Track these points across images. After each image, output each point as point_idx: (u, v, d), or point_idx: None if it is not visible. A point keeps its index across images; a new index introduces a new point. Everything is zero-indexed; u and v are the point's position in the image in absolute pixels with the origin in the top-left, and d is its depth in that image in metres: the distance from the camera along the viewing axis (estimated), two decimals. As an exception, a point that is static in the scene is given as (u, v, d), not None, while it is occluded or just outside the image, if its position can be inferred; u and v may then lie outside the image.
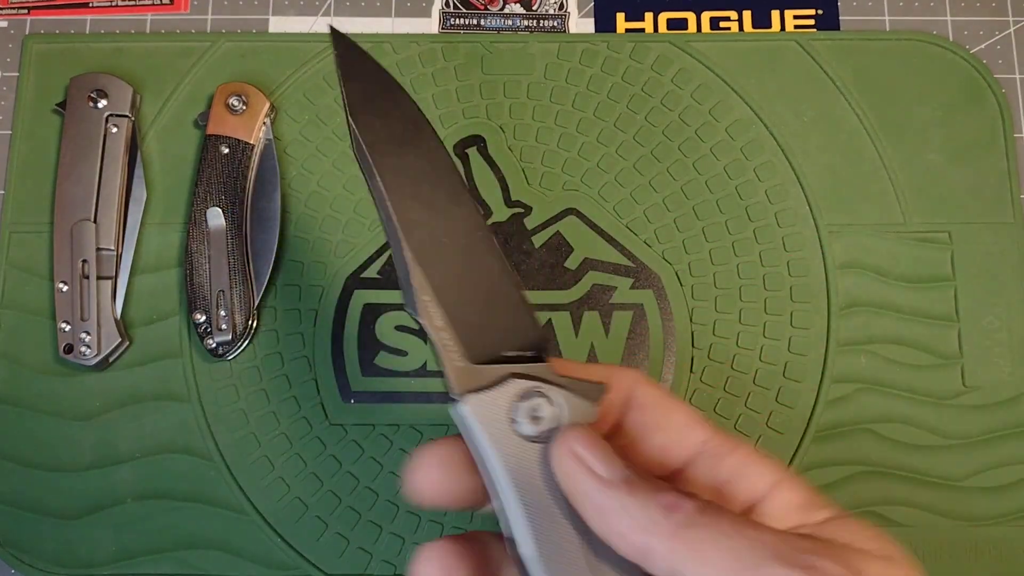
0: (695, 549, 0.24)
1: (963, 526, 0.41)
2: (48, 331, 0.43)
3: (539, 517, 0.26)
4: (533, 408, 0.26)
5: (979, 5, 0.47)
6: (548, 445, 0.26)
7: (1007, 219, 0.44)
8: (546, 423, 0.26)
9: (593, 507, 0.25)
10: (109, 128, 0.44)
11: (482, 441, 0.26)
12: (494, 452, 0.25)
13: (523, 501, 0.25)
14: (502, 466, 0.25)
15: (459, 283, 0.26)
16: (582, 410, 0.26)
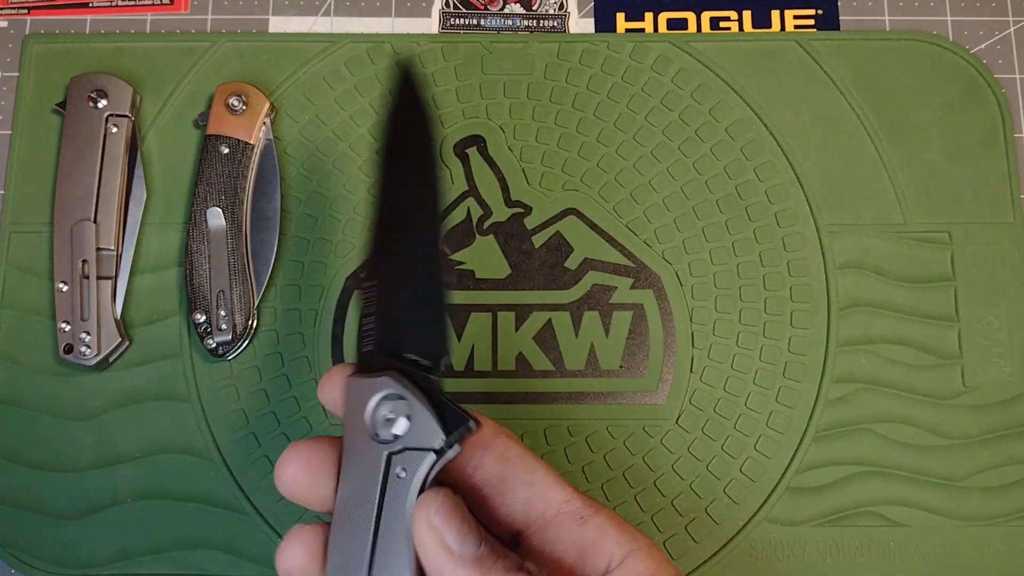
0: None
1: (963, 526, 0.41)
2: (48, 331, 0.43)
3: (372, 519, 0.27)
4: (391, 411, 0.26)
5: (979, 5, 0.47)
6: (413, 506, 0.27)
7: (1007, 219, 0.44)
8: (395, 431, 0.26)
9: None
10: (109, 128, 0.44)
11: (345, 424, 0.27)
12: (349, 441, 0.27)
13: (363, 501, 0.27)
14: (351, 460, 0.27)
15: (397, 281, 0.28)
16: (430, 435, 0.26)
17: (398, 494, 0.26)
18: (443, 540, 0.26)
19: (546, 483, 0.29)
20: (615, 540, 0.29)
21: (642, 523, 0.41)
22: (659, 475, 0.41)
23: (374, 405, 0.27)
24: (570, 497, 0.29)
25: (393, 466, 0.27)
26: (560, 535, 0.29)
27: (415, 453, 0.26)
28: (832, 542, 0.41)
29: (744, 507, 0.41)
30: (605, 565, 0.29)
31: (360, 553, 0.26)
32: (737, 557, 0.41)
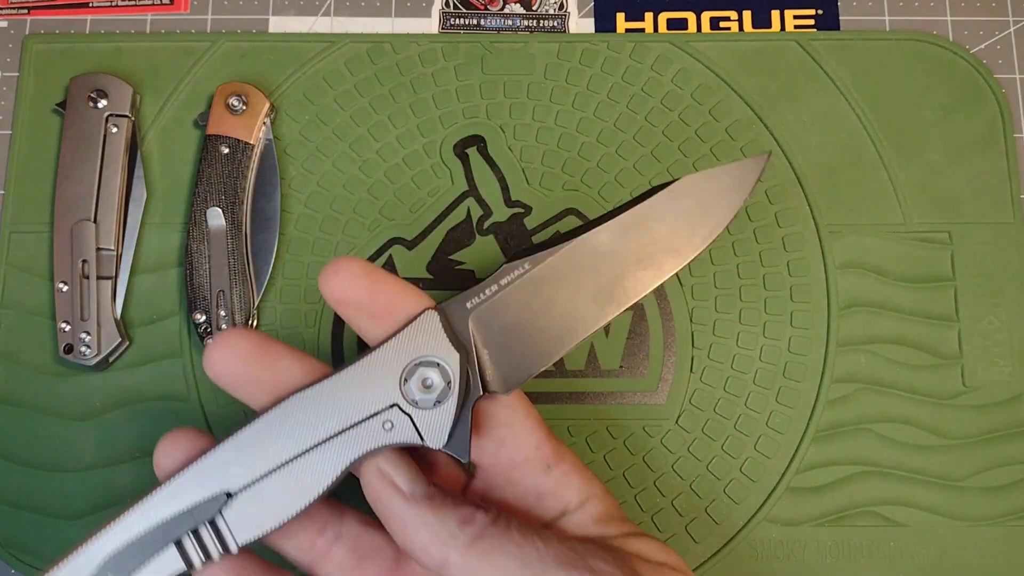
0: (488, 558, 0.26)
1: (963, 526, 0.41)
2: (48, 331, 0.43)
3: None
4: (432, 381, 0.27)
5: (979, 5, 0.47)
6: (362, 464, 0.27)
7: (1007, 219, 0.44)
8: (417, 397, 0.27)
9: (398, 522, 0.26)
10: (109, 128, 0.44)
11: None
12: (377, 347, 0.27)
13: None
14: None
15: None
16: (435, 435, 0.27)
17: (367, 437, 0.26)
18: (393, 483, 0.26)
19: (524, 427, 0.29)
20: (575, 489, 0.29)
21: (642, 523, 0.41)
22: (659, 475, 0.41)
23: (425, 360, 0.27)
24: (542, 443, 0.29)
25: (385, 411, 0.27)
26: (523, 479, 0.29)
27: (410, 427, 0.27)
28: (832, 542, 0.41)
29: (744, 507, 0.41)
30: (561, 510, 0.29)
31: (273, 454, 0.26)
32: (737, 557, 0.41)
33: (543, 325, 0.29)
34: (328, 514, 0.29)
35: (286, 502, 0.26)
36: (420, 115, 0.45)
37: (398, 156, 0.45)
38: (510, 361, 0.28)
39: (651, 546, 0.29)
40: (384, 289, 0.28)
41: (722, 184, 0.31)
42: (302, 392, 0.27)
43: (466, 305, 0.28)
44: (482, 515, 0.26)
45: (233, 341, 0.28)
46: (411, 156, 0.45)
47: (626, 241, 0.30)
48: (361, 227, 0.44)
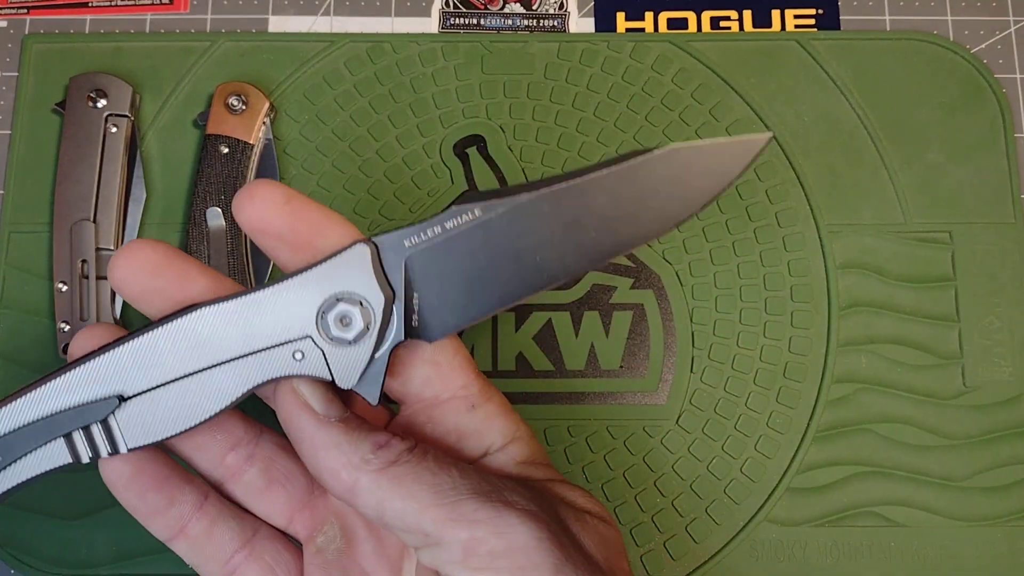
0: (400, 484, 0.24)
1: (964, 527, 0.41)
2: (47, 331, 0.43)
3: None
4: (350, 315, 0.25)
5: (979, 5, 0.47)
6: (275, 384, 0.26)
7: (1008, 219, 0.44)
8: (334, 333, 0.25)
9: (309, 443, 0.25)
10: (108, 128, 0.44)
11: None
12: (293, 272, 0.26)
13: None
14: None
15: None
16: (347, 373, 0.26)
17: (275, 363, 0.25)
18: (306, 403, 0.25)
19: (451, 365, 0.28)
20: (499, 430, 0.28)
21: (642, 523, 0.41)
22: (659, 475, 0.41)
23: (348, 295, 0.25)
24: (469, 383, 0.28)
25: (298, 340, 0.25)
26: (446, 417, 0.28)
27: (321, 361, 0.25)
28: (832, 542, 0.41)
29: (744, 507, 0.41)
30: (483, 451, 0.28)
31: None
32: (737, 557, 0.41)
33: (484, 278, 0.26)
34: (243, 432, 0.29)
35: (180, 415, 0.25)
36: (420, 115, 0.45)
37: (398, 156, 0.45)
38: (441, 310, 0.26)
39: (575, 493, 0.28)
40: (306, 217, 0.26)
41: (711, 159, 0.27)
42: (212, 305, 0.25)
43: (403, 243, 0.26)
44: (398, 441, 0.25)
45: (140, 250, 0.26)
46: (411, 156, 0.45)
47: (589, 204, 0.27)
48: (361, 227, 0.44)
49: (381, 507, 0.25)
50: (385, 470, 0.25)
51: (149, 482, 0.27)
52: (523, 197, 0.26)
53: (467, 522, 0.24)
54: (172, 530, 0.28)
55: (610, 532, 0.27)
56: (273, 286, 0.25)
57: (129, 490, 0.27)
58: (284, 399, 0.26)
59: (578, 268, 0.27)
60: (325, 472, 0.25)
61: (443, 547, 0.24)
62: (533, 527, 0.24)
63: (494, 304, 0.27)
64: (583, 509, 0.27)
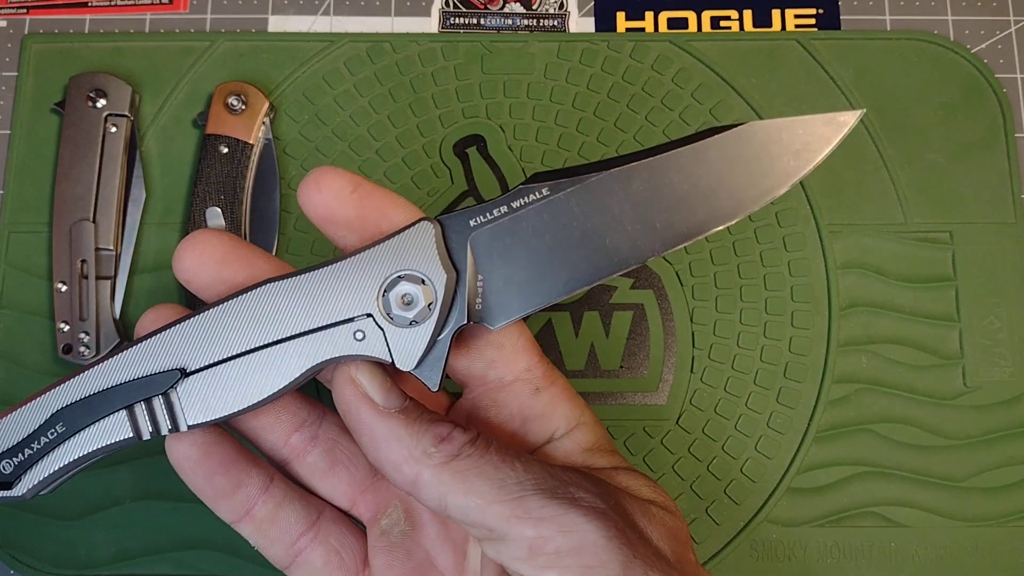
0: (463, 479, 0.24)
1: (964, 527, 0.41)
2: (47, 331, 0.43)
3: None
4: (413, 296, 0.25)
5: (980, 5, 0.47)
6: (335, 370, 0.25)
7: (1008, 219, 0.44)
8: (396, 311, 0.25)
9: (369, 435, 0.25)
10: (108, 128, 0.44)
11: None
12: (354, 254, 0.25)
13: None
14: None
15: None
16: (407, 355, 0.25)
17: (335, 343, 0.25)
18: (365, 393, 0.25)
19: (515, 348, 0.28)
20: (563, 415, 0.28)
21: (642, 524, 0.41)
22: (660, 476, 0.41)
23: (411, 274, 0.25)
24: (533, 366, 0.28)
25: (359, 319, 0.25)
26: (510, 401, 0.28)
27: (382, 342, 0.25)
28: (833, 543, 0.41)
29: (745, 507, 0.41)
30: (548, 436, 0.28)
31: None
32: (738, 558, 0.41)
33: (550, 260, 0.26)
34: (307, 413, 0.28)
35: (240, 393, 0.25)
36: (420, 115, 0.45)
37: (398, 156, 0.45)
38: (506, 293, 0.26)
39: (640, 482, 0.27)
40: (374, 204, 0.26)
41: (793, 137, 0.26)
42: (274, 282, 0.25)
43: (469, 222, 0.25)
44: (460, 433, 0.25)
45: (206, 240, 0.26)
46: (411, 156, 0.45)
47: (666, 183, 0.26)
48: (361, 227, 0.44)
49: (444, 501, 0.24)
50: (447, 464, 0.24)
51: (216, 465, 0.26)
52: (593, 176, 0.26)
53: (532, 520, 0.23)
54: (238, 513, 0.27)
55: (676, 523, 0.26)
56: (336, 263, 0.25)
57: (197, 473, 0.26)
58: (343, 389, 0.25)
59: (649, 251, 0.26)
60: (386, 465, 0.25)
61: (508, 543, 0.24)
62: (600, 525, 0.24)
63: (561, 289, 0.26)
64: (648, 500, 0.27)
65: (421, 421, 0.25)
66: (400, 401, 0.25)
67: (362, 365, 0.25)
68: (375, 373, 0.25)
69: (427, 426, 0.25)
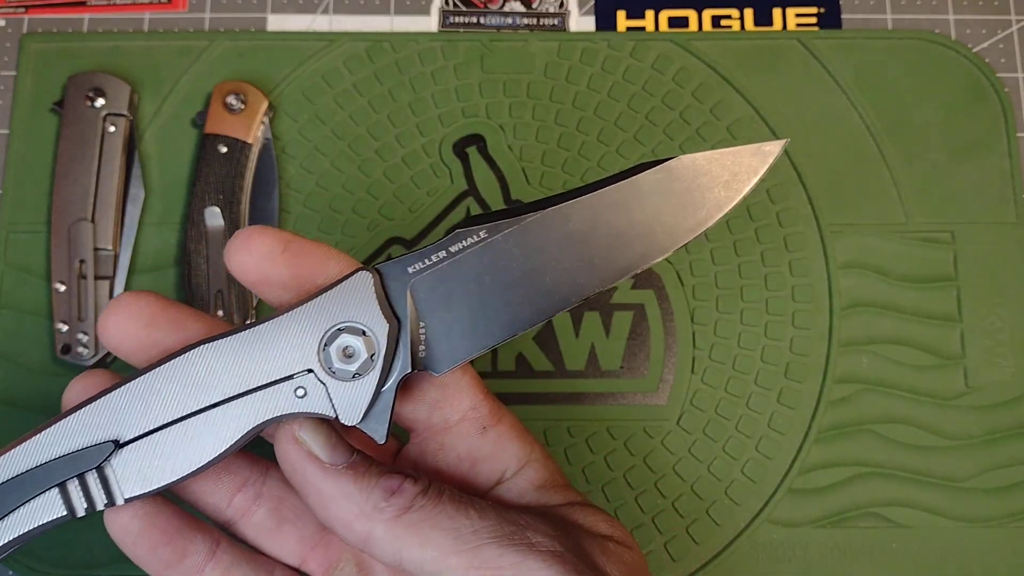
0: (417, 532, 0.23)
1: (965, 527, 0.41)
2: (45, 331, 0.42)
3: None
4: (354, 348, 0.24)
5: (982, 4, 0.47)
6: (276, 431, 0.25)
7: (1010, 219, 0.44)
8: (336, 365, 0.24)
9: (316, 495, 0.24)
10: (107, 127, 0.43)
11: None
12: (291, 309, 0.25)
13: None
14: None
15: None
16: (351, 409, 0.24)
17: (276, 402, 0.24)
18: (310, 452, 0.24)
19: (459, 387, 0.27)
20: (513, 453, 0.27)
21: (643, 525, 0.41)
22: (660, 476, 0.41)
23: (350, 325, 0.24)
24: (478, 404, 0.27)
25: (300, 375, 0.24)
26: (457, 443, 0.27)
27: (325, 397, 0.24)
28: (834, 543, 0.41)
29: (745, 508, 0.41)
30: (499, 476, 0.27)
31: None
32: (739, 559, 0.41)
33: (492, 303, 0.25)
34: (250, 471, 0.28)
35: (179, 460, 0.24)
36: (419, 114, 0.45)
37: (397, 155, 0.45)
38: (449, 339, 0.25)
39: (596, 517, 0.27)
40: (307, 261, 0.25)
41: (721, 169, 0.26)
42: (210, 343, 0.24)
43: (407, 269, 0.25)
44: (410, 484, 0.24)
45: (132, 303, 0.25)
46: (410, 155, 0.45)
47: (602, 220, 0.26)
48: (360, 226, 0.44)
49: (399, 556, 0.24)
50: (400, 517, 0.24)
51: (159, 536, 0.26)
52: (529, 217, 0.26)
53: (491, 569, 0.23)
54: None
55: (634, 557, 0.26)
56: (273, 319, 0.25)
57: (139, 546, 0.26)
58: (286, 449, 0.25)
59: (589, 289, 0.26)
60: (337, 523, 0.24)
61: None
62: (559, 569, 0.23)
63: (505, 331, 0.26)
64: (606, 535, 0.26)
65: (369, 475, 0.24)
66: (346, 456, 0.25)
67: (305, 422, 0.25)
68: (319, 429, 0.25)
69: (376, 479, 0.24)
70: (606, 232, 0.26)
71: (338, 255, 0.26)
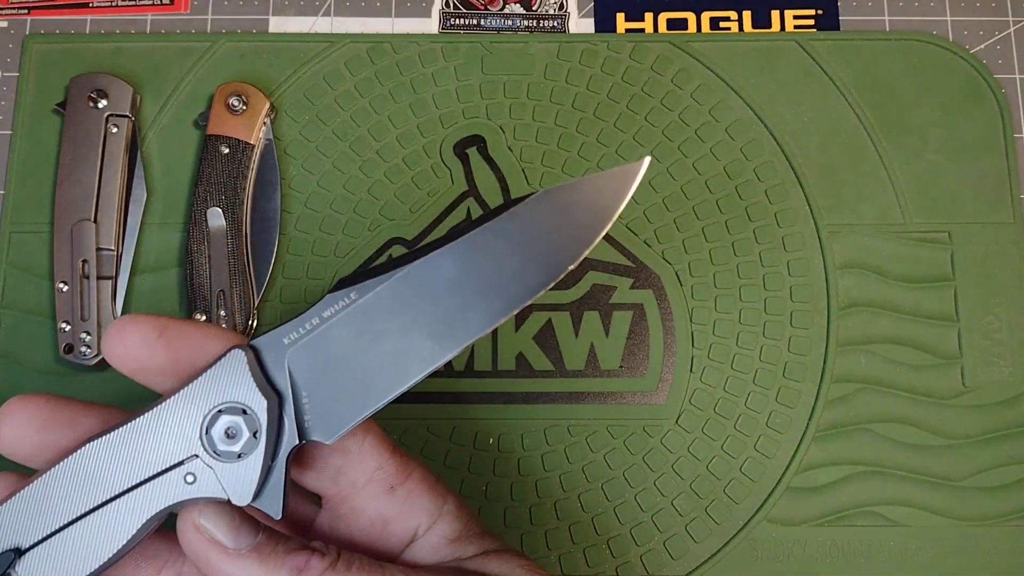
0: None
1: (963, 526, 0.41)
2: (48, 331, 0.43)
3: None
4: (236, 427, 0.24)
5: (979, 5, 0.47)
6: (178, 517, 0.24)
7: (1007, 219, 0.44)
8: (221, 447, 0.24)
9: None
10: (109, 128, 0.44)
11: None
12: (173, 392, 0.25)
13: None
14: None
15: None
16: (242, 490, 0.24)
17: (167, 490, 0.24)
18: (213, 539, 0.24)
19: (361, 450, 0.27)
20: (423, 508, 0.27)
21: (642, 523, 0.41)
22: (659, 475, 0.42)
23: (228, 406, 0.24)
24: (384, 463, 0.27)
25: (187, 461, 0.24)
26: (367, 505, 0.27)
27: (214, 480, 0.24)
28: (832, 542, 0.41)
29: (744, 507, 0.41)
30: (412, 534, 0.27)
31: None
32: (737, 557, 0.41)
33: (372, 363, 0.25)
34: (168, 551, 0.27)
35: (82, 559, 0.23)
36: (420, 115, 0.45)
37: (398, 156, 0.45)
38: (334, 404, 0.25)
39: (513, 563, 0.27)
40: (185, 344, 0.25)
41: (587, 196, 0.26)
42: (96, 440, 0.24)
43: (283, 340, 0.25)
44: (318, 560, 0.24)
45: (22, 409, 0.25)
46: (411, 156, 0.45)
47: (470, 266, 0.25)
48: (361, 227, 0.44)
49: None
50: None
51: None
52: (397, 272, 0.25)
53: None
54: None
55: None
56: (154, 407, 0.24)
57: None
58: (188, 537, 0.24)
59: (470, 334, 0.26)
60: None
61: None
62: None
63: (390, 389, 0.25)
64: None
65: (275, 555, 0.24)
66: (251, 538, 0.24)
67: (206, 508, 0.24)
68: (220, 513, 0.24)
69: (283, 559, 0.24)
70: (478, 278, 0.26)
71: (219, 333, 0.25)
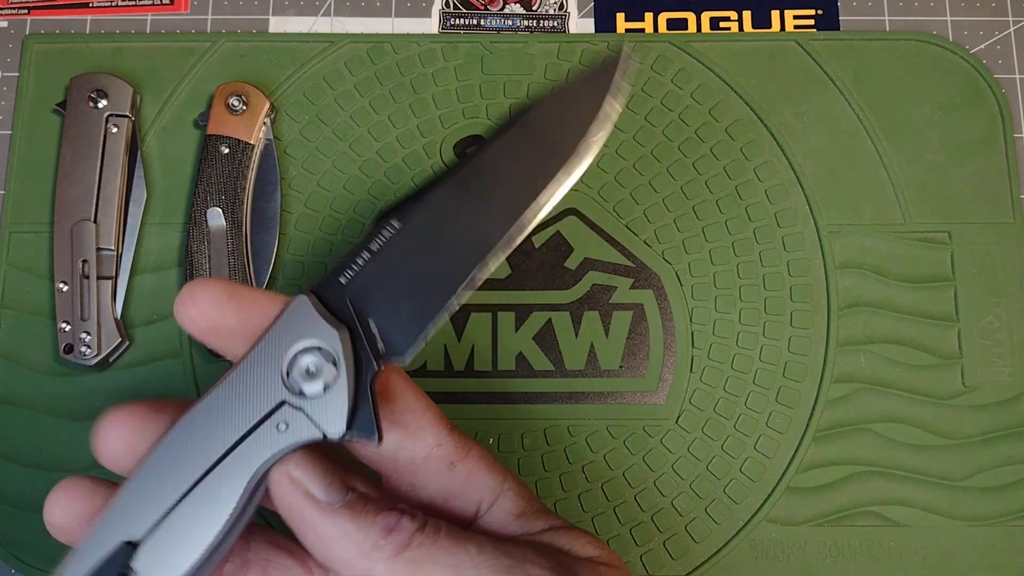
0: (417, 569, 0.24)
1: (963, 526, 0.41)
2: (48, 331, 0.43)
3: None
4: (316, 367, 0.25)
5: (979, 5, 0.47)
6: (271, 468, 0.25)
7: (1007, 219, 0.44)
8: (306, 389, 0.25)
9: (315, 535, 0.24)
10: (109, 128, 0.44)
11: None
12: (247, 360, 0.25)
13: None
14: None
15: (427, 243, 0.28)
16: (333, 421, 0.25)
17: (262, 444, 0.24)
18: (307, 492, 0.24)
19: (419, 426, 0.27)
20: (485, 485, 0.27)
21: (642, 523, 0.41)
22: (659, 475, 0.42)
23: (303, 347, 0.25)
24: (442, 440, 0.27)
25: (276, 411, 0.24)
26: (428, 481, 0.27)
27: (306, 421, 0.25)
28: (832, 542, 0.41)
29: (744, 507, 0.41)
30: (475, 510, 0.27)
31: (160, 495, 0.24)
32: (737, 557, 0.41)
33: (427, 277, 0.26)
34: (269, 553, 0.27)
35: (196, 536, 0.24)
36: (420, 115, 0.45)
37: (398, 156, 0.45)
38: (401, 324, 0.26)
39: (581, 540, 0.27)
40: (254, 308, 0.25)
41: (588, 93, 0.28)
42: (184, 418, 0.25)
43: (340, 280, 0.26)
44: (408, 521, 0.24)
45: (124, 420, 0.25)
46: (411, 156, 0.45)
47: (494, 172, 0.28)
48: (361, 227, 0.44)
49: None
50: (399, 555, 0.24)
51: None
52: (433, 194, 0.27)
53: None
54: None
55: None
56: (232, 373, 0.25)
57: None
58: (281, 490, 0.25)
59: (504, 234, 0.27)
60: (337, 563, 0.24)
61: None
62: None
63: (447, 296, 0.27)
64: (593, 558, 0.27)
65: (367, 513, 0.24)
66: (342, 494, 0.25)
67: (299, 460, 0.25)
68: (314, 467, 0.25)
69: (373, 517, 0.24)
70: (503, 180, 0.27)
71: (283, 297, 0.26)
